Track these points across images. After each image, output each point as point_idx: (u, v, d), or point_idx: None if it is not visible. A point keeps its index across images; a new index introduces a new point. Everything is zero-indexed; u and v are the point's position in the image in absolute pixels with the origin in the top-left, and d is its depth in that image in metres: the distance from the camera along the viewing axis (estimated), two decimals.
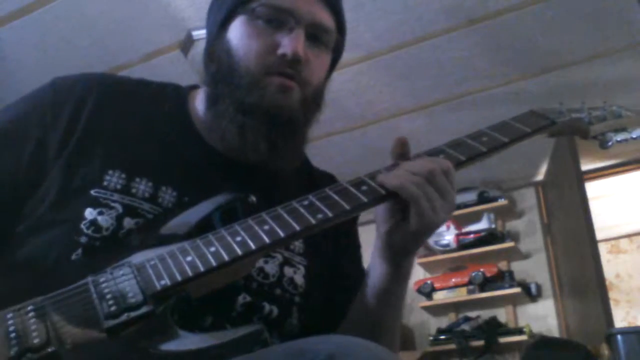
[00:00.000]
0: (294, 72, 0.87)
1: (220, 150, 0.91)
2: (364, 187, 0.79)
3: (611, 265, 5.47)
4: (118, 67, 2.86)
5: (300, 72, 0.88)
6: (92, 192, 0.81)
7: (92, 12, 2.56)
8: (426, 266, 4.22)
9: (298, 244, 0.92)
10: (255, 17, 0.88)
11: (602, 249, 4.97)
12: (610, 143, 1.01)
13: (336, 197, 0.77)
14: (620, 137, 1.01)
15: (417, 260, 4.15)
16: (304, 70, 0.88)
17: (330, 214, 0.75)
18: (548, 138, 1.00)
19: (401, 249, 0.84)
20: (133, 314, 0.66)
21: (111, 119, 0.88)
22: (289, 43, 0.86)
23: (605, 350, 2.64)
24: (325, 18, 0.91)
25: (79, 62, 2.74)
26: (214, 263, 0.71)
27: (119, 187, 0.82)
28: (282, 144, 0.88)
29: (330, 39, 0.93)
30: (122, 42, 2.74)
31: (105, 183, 0.82)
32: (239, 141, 0.87)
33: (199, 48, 2.60)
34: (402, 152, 0.84)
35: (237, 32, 0.90)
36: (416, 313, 4.15)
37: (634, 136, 1.01)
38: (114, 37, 2.70)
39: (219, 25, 0.92)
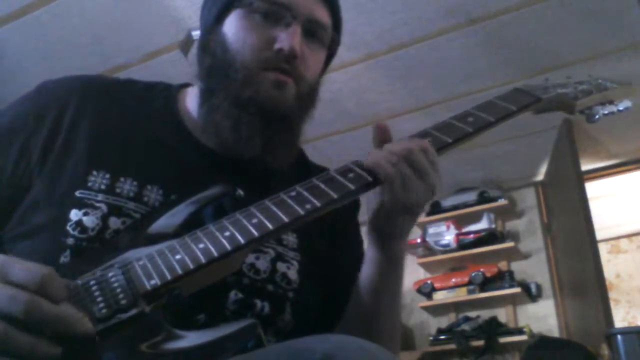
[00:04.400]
0: (289, 67, 0.87)
1: (211, 147, 0.91)
2: (351, 175, 0.78)
3: (611, 265, 5.46)
4: (118, 67, 2.86)
5: (296, 68, 0.88)
6: (77, 193, 0.81)
7: (91, 12, 2.56)
8: (426, 266, 4.22)
9: (292, 239, 0.91)
10: (251, 11, 0.88)
11: (602, 249, 4.96)
12: (597, 117, 1.00)
13: (323, 186, 0.77)
14: (607, 110, 1.00)
15: (417, 260, 4.15)
16: (299, 66, 0.88)
17: (318, 204, 0.75)
18: (544, 126, 0.99)
19: (383, 231, 0.85)
20: (124, 315, 0.66)
21: (95, 120, 0.88)
22: (286, 38, 0.86)
23: (605, 350, 2.64)
24: (322, 14, 0.92)
25: (79, 62, 2.75)
26: (203, 260, 0.70)
27: (103, 187, 0.82)
28: (276, 140, 0.88)
29: (326, 36, 0.93)
30: (122, 42, 2.73)
31: (89, 184, 0.82)
32: (233, 136, 0.86)
33: None
34: (383, 139, 0.84)
35: (233, 26, 0.90)
36: (416, 313, 4.15)
37: (621, 108, 1.00)
38: (114, 37, 2.70)
39: (214, 18, 0.92)
